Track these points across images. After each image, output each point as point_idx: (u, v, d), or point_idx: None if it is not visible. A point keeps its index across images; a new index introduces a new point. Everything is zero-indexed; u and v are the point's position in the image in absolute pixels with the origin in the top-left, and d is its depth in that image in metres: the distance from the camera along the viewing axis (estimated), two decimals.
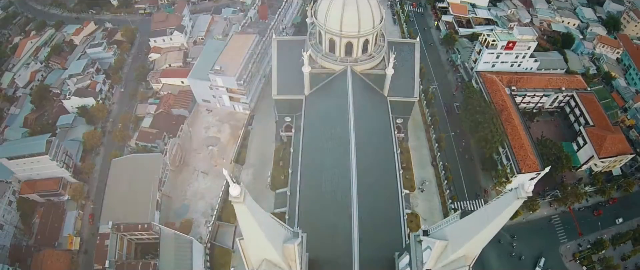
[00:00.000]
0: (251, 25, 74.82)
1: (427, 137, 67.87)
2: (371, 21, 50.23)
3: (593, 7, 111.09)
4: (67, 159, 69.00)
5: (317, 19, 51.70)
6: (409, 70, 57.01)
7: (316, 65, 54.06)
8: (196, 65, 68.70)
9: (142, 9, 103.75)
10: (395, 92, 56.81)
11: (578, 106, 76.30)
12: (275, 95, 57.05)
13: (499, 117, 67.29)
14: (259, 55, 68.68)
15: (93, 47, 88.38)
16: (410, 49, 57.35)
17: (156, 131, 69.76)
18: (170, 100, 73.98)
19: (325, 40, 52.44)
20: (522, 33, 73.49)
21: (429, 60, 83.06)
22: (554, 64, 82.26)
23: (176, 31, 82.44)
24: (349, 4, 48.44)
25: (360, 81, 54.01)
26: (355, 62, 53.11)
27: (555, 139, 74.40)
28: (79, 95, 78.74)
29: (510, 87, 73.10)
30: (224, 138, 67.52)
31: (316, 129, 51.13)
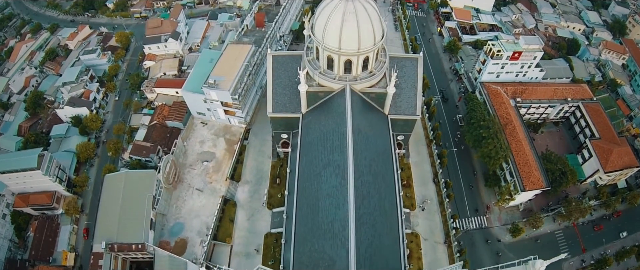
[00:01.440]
0: (247, 34, 69.66)
1: (429, 152, 63.55)
2: (372, 38, 45.29)
3: (598, 10, 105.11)
4: (60, 172, 65.27)
5: (314, 34, 46.75)
6: (411, 86, 52.27)
7: (313, 83, 49.36)
8: (190, 77, 63.97)
9: (138, 13, 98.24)
10: (397, 110, 52.26)
11: (584, 117, 71.73)
12: (270, 114, 52.58)
13: (503, 132, 62.86)
14: (255, 67, 63.86)
15: (87, 54, 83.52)
16: (412, 64, 52.45)
17: (150, 145, 65.63)
18: (164, 112, 69.57)
19: (323, 57, 47.60)
20: (529, 43, 68.36)
21: (432, 68, 77.91)
22: (559, 72, 77.23)
23: (171, 38, 77.35)
24: (348, 20, 43.40)
25: (360, 100, 49.40)
26: (355, 81, 48.37)
27: (560, 152, 70.30)
28: (72, 104, 74.48)
29: (515, 98, 68.36)
30: (219, 153, 63.35)
31: (313, 153, 46.84)
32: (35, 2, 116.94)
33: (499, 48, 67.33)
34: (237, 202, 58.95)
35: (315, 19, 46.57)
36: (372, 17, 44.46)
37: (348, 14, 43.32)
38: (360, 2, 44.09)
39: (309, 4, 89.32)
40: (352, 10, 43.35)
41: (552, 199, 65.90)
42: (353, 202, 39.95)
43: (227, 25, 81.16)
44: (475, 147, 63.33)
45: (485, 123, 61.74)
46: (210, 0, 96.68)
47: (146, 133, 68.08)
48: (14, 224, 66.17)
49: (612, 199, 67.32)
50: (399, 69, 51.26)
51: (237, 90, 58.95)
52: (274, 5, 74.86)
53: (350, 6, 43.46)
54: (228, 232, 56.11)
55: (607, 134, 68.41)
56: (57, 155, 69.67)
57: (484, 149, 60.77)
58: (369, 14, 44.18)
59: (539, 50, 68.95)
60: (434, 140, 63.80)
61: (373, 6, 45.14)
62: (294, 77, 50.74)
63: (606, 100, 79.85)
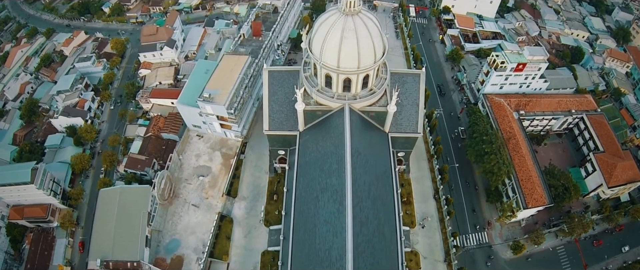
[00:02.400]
0: (244, 43, 66.43)
1: (430, 167, 60.89)
2: (372, 55, 42.26)
3: (602, 16, 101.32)
4: (54, 186, 62.92)
5: (311, 51, 43.70)
6: (413, 103, 49.36)
7: (311, 102, 46.46)
8: (185, 89, 61.02)
9: (134, 18, 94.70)
10: (397, 128, 49.45)
11: (587, 129, 68.86)
12: (266, 131, 49.83)
13: (506, 147, 60.08)
14: (251, 79, 60.87)
15: (82, 62, 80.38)
16: (414, 80, 49.44)
17: (145, 158, 63.05)
18: (159, 123, 66.84)
19: (321, 74, 44.62)
20: (533, 54, 65.02)
21: (433, 78, 74.71)
22: (563, 83, 74.13)
23: (166, 46, 74.14)
24: (347, 37, 40.35)
25: (359, 119, 46.55)
26: (354, 100, 45.45)
27: (563, 165, 67.68)
28: (66, 114, 71.72)
29: (518, 111, 65.42)
30: (215, 167, 60.75)
31: (310, 175, 44.20)
32: (32, 5, 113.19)
33: (503, 59, 64.18)
34: (233, 218, 56.62)
35: (312, 35, 43.49)
36: (372, 33, 41.38)
37: (347, 31, 40.28)
38: (361, 18, 41.00)
39: (307, 10, 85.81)
40: (351, 27, 40.29)
41: (554, 214, 63.46)
42: (351, 230, 37.56)
43: (224, 32, 77.82)
44: (477, 162, 60.62)
45: (488, 138, 58.92)
46: (207, 6, 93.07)
47: (141, 145, 65.45)
48: (9, 236, 64.18)
49: (614, 213, 64.91)
50: (400, 85, 48.42)
51: (232, 105, 56.11)
52: (271, 13, 71.40)
53: (350, 23, 40.39)
54: (225, 249, 53.87)
55: (611, 147, 65.67)
56: (51, 166, 67.36)
57: (486, 164, 58.09)
58: (370, 30, 41.09)
59: (543, 61, 65.71)
60: (436, 155, 61.03)
61: (374, 22, 42.04)
62: (290, 94, 47.86)
63: (610, 111, 76.93)
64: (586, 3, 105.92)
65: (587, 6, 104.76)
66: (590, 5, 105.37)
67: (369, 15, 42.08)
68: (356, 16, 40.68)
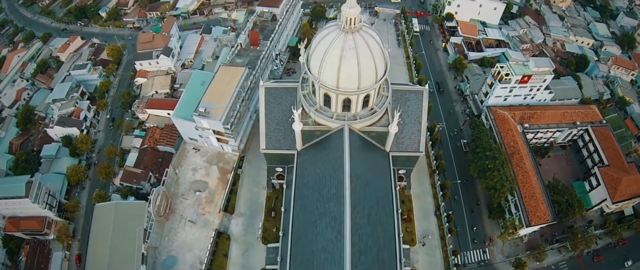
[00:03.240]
0: (241, 53, 63.37)
1: (431, 183, 58.37)
2: (374, 75, 39.43)
3: (606, 22, 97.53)
4: (49, 199, 60.78)
5: (309, 69, 40.85)
6: (415, 121, 46.60)
7: (309, 121, 43.78)
8: (180, 102, 58.29)
9: (131, 23, 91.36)
10: (399, 147, 46.79)
11: (592, 141, 66.05)
12: (263, 150, 47.26)
13: (510, 162, 57.43)
14: (248, 91, 58.06)
15: (78, 69, 77.51)
16: (417, 97, 46.58)
17: (141, 171, 60.66)
18: (155, 135, 64.26)
19: (320, 93, 41.85)
20: (539, 65, 61.90)
21: (443, 116, 70.92)
22: (568, 93, 71.08)
23: (162, 55, 71.11)
24: (347, 56, 37.48)
25: (359, 140, 43.89)
26: (354, 120, 42.74)
27: (567, 178, 65.08)
28: (62, 124, 69.12)
29: (522, 124, 62.58)
30: (212, 182, 58.34)
31: (308, 198, 41.74)
32: (29, 8, 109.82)
33: (508, 71, 61.13)
34: (230, 235, 54.46)
35: (310, 52, 40.59)
36: (374, 52, 38.48)
37: (347, 50, 37.40)
38: (361, 35, 38.07)
39: (307, 16, 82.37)
40: (351, 45, 37.39)
41: (557, 230, 61.09)
42: (349, 260, 35.32)
43: (221, 39, 74.62)
44: (479, 177, 58.07)
45: (491, 153, 56.25)
46: (205, 11, 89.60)
47: (137, 157, 63.04)
48: (6, 248, 62.30)
49: (618, 227, 62.52)
50: (402, 103, 45.66)
51: (229, 119, 53.43)
52: (269, 21, 68.12)
53: (350, 41, 37.47)
54: (222, 267, 51.82)
55: (616, 161, 62.90)
56: (47, 177, 65.27)
57: (489, 181, 55.54)
58: (371, 48, 38.19)
59: (549, 72, 62.66)
60: (437, 171, 58.46)
61: (375, 39, 39.09)
62: (288, 112, 45.11)
63: (615, 121, 73.94)
64: (591, 8, 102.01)
65: (592, 11, 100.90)
66: (595, 11, 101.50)
67: (370, 32, 39.12)
68: (357, 33, 37.75)
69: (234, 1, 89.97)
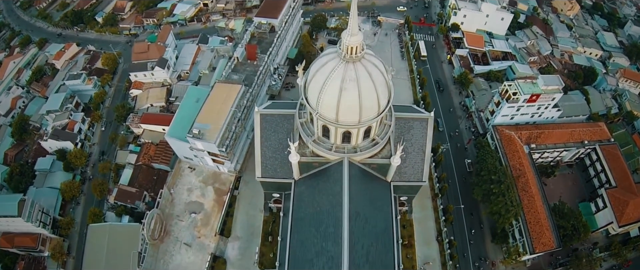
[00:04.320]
0: (237, 68, 59.17)
1: (434, 207, 54.95)
2: (376, 107, 35.56)
3: (614, 31, 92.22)
4: (43, 216, 57.87)
5: (307, 99, 36.95)
6: (419, 150, 42.86)
7: (307, 152, 40.12)
8: (174, 120, 54.54)
9: (127, 30, 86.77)
10: (401, 176, 43.19)
11: (600, 160, 62.26)
12: (259, 178, 43.78)
13: (515, 186, 53.86)
14: (244, 110, 54.19)
15: (72, 79, 73.55)
16: (421, 125, 42.71)
17: (135, 191, 57.45)
18: (150, 152, 60.80)
19: (318, 124, 38.05)
20: (548, 83, 57.55)
21: (440, 104, 67.24)
22: (576, 110, 66.87)
23: (157, 66, 66.98)
24: (348, 88, 33.53)
25: (359, 171, 40.24)
26: (355, 152, 39.04)
27: (572, 198, 61.57)
28: (56, 137, 65.66)
29: (529, 144, 58.70)
30: (208, 204, 55.10)
31: (305, 234, 38.46)
32: (26, 11, 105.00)
33: (516, 90, 56.89)
34: (227, 259, 51.53)
35: (308, 80, 36.59)
36: (377, 83, 34.47)
37: (348, 82, 33.43)
38: (363, 65, 33.99)
39: (307, 25, 77.52)
40: (352, 76, 33.39)
41: (562, 253, 57.86)
42: None
43: (218, 50, 70.25)
44: (484, 201, 54.63)
45: (497, 176, 52.65)
46: (202, 18, 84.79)
47: (132, 175, 59.74)
48: (1, 264, 59.84)
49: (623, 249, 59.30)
50: (406, 131, 41.86)
51: (224, 142, 49.80)
52: (268, 33, 63.59)
53: (351, 72, 33.44)
54: None
55: (623, 181, 59.17)
56: (41, 192, 62.34)
57: (493, 206, 52.12)
58: (374, 79, 34.18)
59: (558, 91, 58.35)
60: (440, 194, 54.96)
61: (379, 68, 35.01)
62: (285, 140, 41.46)
63: (622, 137, 69.86)
64: (598, 16, 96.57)
65: (599, 19, 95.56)
66: (602, 19, 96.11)
67: (373, 60, 34.99)
68: (358, 63, 33.68)
69: (232, 8, 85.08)
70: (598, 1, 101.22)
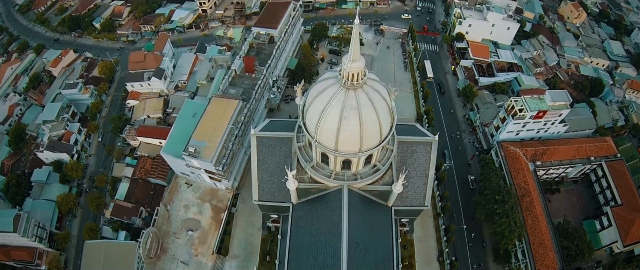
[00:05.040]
0: (235, 81, 56.76)
1: (435, 226, 52.91)
2: (378, 136, 33.29)
3: (621, 39, 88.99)
4: (39, 231, 56.31)
5: (305, 125, 34.68)
6: (422, 174, 40.63)
7: (305, 178, 38.00)
8: (170, 135, 52.36)
9: (125, 36, 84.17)
10: (403, 201, 41.02)
11: (605, 176, 59.95)
12: (256, 201, 41.77)
13: (520, 206, 51.74)
14: (242, 127, 51.97)
15: (69, 88, 71.37)
16: (425, 149, 40.41)
17: (132, 206, 55.63)
18: (147, 165, 58.85)
19: (316, 152, 35.84)
20: (555, 99, 55.01)
21: (443, 117, 64.71)
22: (583, 124, 64.29)
23: (154, 77, 64.63)
24: (348, 117, 31.22)
25: (359, 198, 38.12)
26: (355, 180, 36.87)
27: (577, 215, 59.47)
28: (51, 148, 63.70)
29: (534, 161, 56.36)
30: (205, 221, 53.24)
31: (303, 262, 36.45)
32: (25, 15, 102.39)
33: (522, 106, 54.36)
34: None
35: (306, 106, 34.27)
36: (379, 110, 32.12)
37: (348, 110, 31.10)
38: (365, 92, 31.61)
39: (308, 33, 74.66)
40: (353, 104, 31.05)
41: None
42: None
43: (216, 59, 67.74)
44: (487, 221, 52.55)
45: (500, 197, 50.50)
46: (201, 25, 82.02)
47: (128, 189, 57.86)
48: None
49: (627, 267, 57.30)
50: (408, 155, 39.61)
51: (221, 160, 47.72)
52: (266, 44, 60.98)
53: (352, 99, 31.09)
54: None
55: (629, 200, 57.01)
56: (38, 204, 60.68)
57: (496, 227, 50.06)
58: (376, 107, 31.83)
59: (565, 107, 55.81)
60: (442, 213, 52.88)
61: (381, 94, 32.63)
62: (282, 163, 39.35)
63: (628, 151, 67.36)
64: (605, 24, 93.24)
65: (606, 27, 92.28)
66: (609, 26, 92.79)
67: (376, 86, 32.58)
68: (360, 90, 31.31)
69: (231, 15, 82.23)
70: (604, 8, 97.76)
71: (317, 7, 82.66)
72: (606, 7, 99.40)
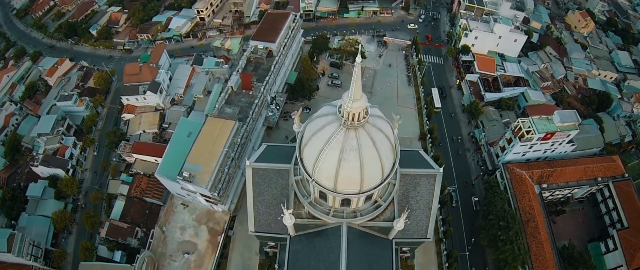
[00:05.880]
0: (231, 99, 53.85)
1: (437, 251, 50.55)
2: (380, 176, 30.59)
3: (629, 48, 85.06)
4: (34, 249, 54.42)
5: (301, 161, 31.97)
6: (425, 207, 38.02)
7: (302, 212, 35.51)
8: (165, 156, 49.83)
9: (122, 45, 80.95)
10: (404, 234, 38.39)
11: (612, 197, 57.22)
12: (252, 232, 39.42)
13: (524, 232, 49.25)
14: (238, 148, 49.32)
15: (64, 100, 68.63)
16: (428, 181, 37.69)
17: (127, 227, 53.50)
18: (142, 184, 56.52)
19: (314, 189, 33.22)
20: (564, 120, 51.94)
21: (447, 134, 61.65)
22: (590, 143, 61.20)
23: (149, 91, 61.75)
24: (348, 159, 28.52)
25: (358, 234, 35.66)
26: (354, 217, 34.34)
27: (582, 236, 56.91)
28: (47, 163, 61.37)
29: (540, 184, 53.62)
30: (201, 244, 51.06)
31: None
32: (22, 20, 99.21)
33: (530, 128, 51.34)
34: None
35: (304, 142, 31.50)
36: (381, 150, 29.39)
37: (349, 152, 28.39)
38: (367, 131, 28.79)
39: (309, 44, 71.14)
40: (354, 146, 28.31)
41: None
42: None
43: (214, 72, 64.71)
44: (490, 246, 50.16)
45: (505, 222, 47.99)
46: (198, 34, 78.56)
47: (124, 208, 55.66)
48: None
49: None
50: (411, 188, 36.96)
51: (216, 185, 45.24)
52: (264, 58, 57.81)
53: (352, 140, 28.32)
54: None
55: (636, 222, 54.22)
56: (33, 219, 58.66)
57: (500, 254, 47.69)
58: (378, 147, 29.10)
59: (574, 128, 52.76)
60: (444, 238, 50.49)
61: (384, 133, 29.84)
62: (279, 195, 36.88)
63: (635, 169, 64.41)
64: (612, 33, 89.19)
65: (614, 36, 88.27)
66: (616, 36, 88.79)
67: (378, 124, 29.76)
68: (361, 130, 28.49)
69: (230, 24, 78.69)
70: (612, 16, 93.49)
71: (319, 16, 78.88)
72: (613, 15, 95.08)
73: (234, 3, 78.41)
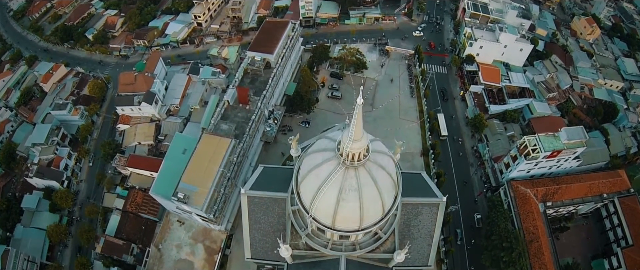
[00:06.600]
0: (228, 114, 51.23)
1: None
2: (380, 213, 28.32)
3: (634, 55, 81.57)
4: (29, 265, 52.80)
5: (299, 196, 29.62)
6: (426, 235, 35.83)
7: (300, 243, 33.39)
8: (160, 174, 47.54)
9: (118, 51, 77.82)
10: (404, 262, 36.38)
11: (617, 213, 55.06)
12: (248, 259, 37.41)
13: (528, 253, 47.22)
14: (235, 167, 46.98)
15: (58, 109, 66.09)
16: (431, 210, 35.40)
17: (123, 243, 51.74)
18: (138, 199, 54.49)
19: (312, 224, 30.95)
20: (571, 137, 49.32)
21: (450, 149, 59.02)
22: (596, 157, 58.65)
23: (144, 102, 59.08)
24: (347, 199, 26.28)
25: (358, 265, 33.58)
26: (353, 249, 32.18)
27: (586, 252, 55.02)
28: (41, 175, 59.39)
29: (544, 202, 51.36)
30: (198, 263, 49.21)
31: None
32: (19, 22, 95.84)
33: (536, 146, 48.77)
34: None
35: (301, 177, 29.09)
36: (382, 188, 27.11)
37: (348, 192, 26.11)
38: (367, 169, 26.34)
39: (308, 52, 67.93)
40: (353, 186, 26.01)
41: None
42: None
43: (210, 82, 61.86)
44: (492, 267, 48.22)
45: (508, 243, 45.96)
46: (195, 40, 75.30)
47: (119, 223, 53.80)
48: None
49: None
50: (413, 216, 34.72)
51: (212, 206, 43.11)
52: (262, 70, 54.88)
53: (352, 179, 26.05)
54: None
55: None
56: (28, 232, 57.12)
57: None
58: (379, 186, 26.84)
59: (581, 145, 50.17)
60: (445, 259, 48.54)
61: (386, 170, 27.37)
62: (276, 224, 34.71)
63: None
64: (618, 39, 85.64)
65: (619, 43, 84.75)
66: (622, 42, 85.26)
67: (380, 161, 27.34)
68: (361, 168, 26.05)
69: (227, 30, 75.28)
70: (617, 21, 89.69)
71: (319, 22, 75.38)
72: (619, 20, 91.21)
73: (231, 8, 74.96)
